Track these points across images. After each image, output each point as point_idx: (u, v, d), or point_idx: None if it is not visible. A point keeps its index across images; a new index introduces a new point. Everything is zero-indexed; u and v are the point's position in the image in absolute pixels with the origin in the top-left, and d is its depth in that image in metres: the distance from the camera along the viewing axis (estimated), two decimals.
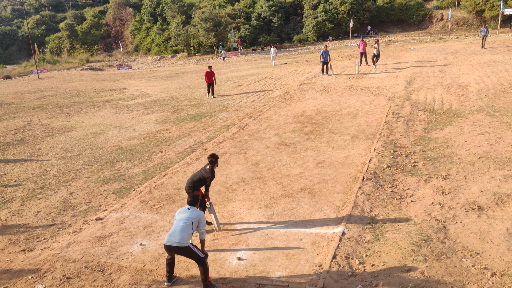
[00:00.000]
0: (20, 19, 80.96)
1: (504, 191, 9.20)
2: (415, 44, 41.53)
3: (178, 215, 6.90)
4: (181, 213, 6.92)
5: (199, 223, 6.88)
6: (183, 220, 6.75)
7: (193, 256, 6.72)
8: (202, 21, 55.36)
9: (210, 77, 23.28)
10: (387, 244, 7.58)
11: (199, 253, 6.72)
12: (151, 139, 16.26)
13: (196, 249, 6.75)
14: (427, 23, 57.33)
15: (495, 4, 50.04)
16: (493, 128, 13.61)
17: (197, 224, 6.85)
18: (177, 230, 6.69)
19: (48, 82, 39.75)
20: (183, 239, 6.62)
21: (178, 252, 6.71)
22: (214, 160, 8.43)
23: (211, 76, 23.27)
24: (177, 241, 6.61)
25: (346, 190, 10.05)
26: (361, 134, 14.26)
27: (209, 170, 8.36)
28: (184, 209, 6.97)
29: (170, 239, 6.66)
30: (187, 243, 6.67)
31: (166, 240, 6.73)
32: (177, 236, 6.64)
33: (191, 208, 6.92)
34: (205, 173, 8.33)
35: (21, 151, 16.09)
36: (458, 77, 21.55)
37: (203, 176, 8.32)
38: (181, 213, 6.91)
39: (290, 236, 8.19)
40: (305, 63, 34.73)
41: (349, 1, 56.88)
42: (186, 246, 6.65)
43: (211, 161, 8.42)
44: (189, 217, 6.78)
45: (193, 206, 6.98)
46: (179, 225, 6.73)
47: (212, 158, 8.43)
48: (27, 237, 9.18)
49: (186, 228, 6.69)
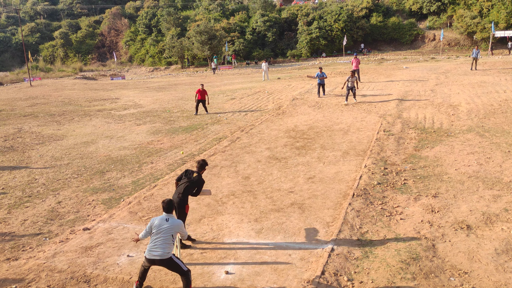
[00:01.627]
0: (14, 26, 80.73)
1: (492, 211, 9.26)
2: (407, 63, 42.05)
3: (158, 226, 6.76)
4: (160, 223, 6.79)
5: (180, 231, 6.93)
6: (163, 232, 6.70)
7: (177, 269, 6.71)
8: (197, 34, 55.65)
9: (202, 94, 22.48)
10: (376, 262, 7.56)
11: (182, 266, 6.72)
12: (142, 149, 16.19)
13: (179, 262, 6.74)
14: (420, 43, 58.19)
15: (486, 26, 50.97)
16: (483, 148, 13.75)
17: (177, 233, 6.92)
18: (158, 243, 6.65)
19: (41, 90, 39.56)
20: (165, 252, 6.62)
21: (161, 264, 6.69)
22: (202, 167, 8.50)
23: (203, 94, 22.49)
24: (160, 254, 6.61)
25: (336, 206, 10.04)
26: (352, 151, 14.32)
27: (197, 177, 8.35)
28: (163, 219, 6.84)
29: (152, 253, 6.64)
30: (170, 254, 6.68)
31: (148, 253, 6.69)
32: (159, 250, 6.62)
33: (170, 219, 6.84)
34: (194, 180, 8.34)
35: (10, 158, 15.92)
36: (449, 97, 21.81)
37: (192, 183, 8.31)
38: (161, 224, 6.78)
39: (279, 251, 8.15)
40: (298, 79, 34.96)
41: (343, 18, 57.66)
42: (169, 258, 6.64)
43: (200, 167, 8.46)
44: (169, 229, 6.74)
45: (170, 213, 6.95)
46: (159, 238, 6.68)
47: (199, 164, 8.50)
48: (12, 245, 9.04)
49: (167, 241, 6.69)
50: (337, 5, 61.95)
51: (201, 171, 8.49)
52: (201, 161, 8.54)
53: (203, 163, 8.55)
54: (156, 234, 6.72)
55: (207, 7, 72.69)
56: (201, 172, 8.50)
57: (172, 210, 6.99)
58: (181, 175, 8.56)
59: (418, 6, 59.11)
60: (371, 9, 60.57)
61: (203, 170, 8.55)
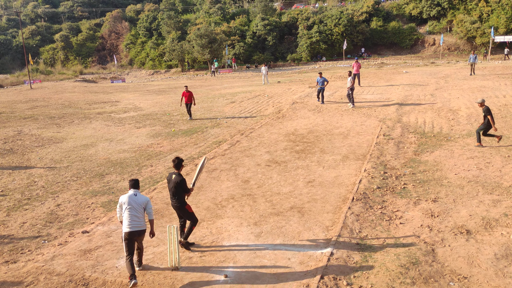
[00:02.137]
0: (15, 29, 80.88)
1: (492, 216, 9.25)
2: (407, 68, 42.10)
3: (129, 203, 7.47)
4: (130, 200, 7.50)
5: (147, 205, 7.60)
6: (135, 207, 7.45)
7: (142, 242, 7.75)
8: (197, 37, 55.74)
9: (188, 97, 21.82)
10: (375, 266, 7.55)
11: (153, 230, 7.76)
12: (141, 152, 16.18)
13: None
14: (419, 47, 58.30)
15: (486, 31, 51.09)
16: (483, 152, 13.75)
17: (145, 206, 7.60)
18: (134, 217, 7.41)
19: (41, 92, 39.59)
20: (141, 224, 7.48)
21: (139, 235, 7.48)
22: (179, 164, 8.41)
23: (190, 96, 21.83)
24: (138, 226, 7.42)
25: (335, 210, 10.03)
26: (352, 155, 14.32)
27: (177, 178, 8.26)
28: (131, 195, 7.55)
29: (131, 227, 7.38)
30: (145, 226, 7.59)
31: (127, 228, 7.38)
32: (135, 222, 7.40)
33: (138, 194, 7.61)
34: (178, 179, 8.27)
35: (10, 160, 15.91)
36: (449, 101, 21.82)
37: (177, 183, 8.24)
38: (130, 200, 7.50)
39: (278, 255, 8.13)
40: (298, 82, 34.99)
41: (343, 23, 57.78)
42: (145, 229, 7.57)
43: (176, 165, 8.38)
44: (139, 203, 7.51)
45: (137, 189, 7.70)
46: (133, 212, 7.42)
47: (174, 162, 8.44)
48: (11, 248, 9.02)
49: (140, 214, 7.50)
50: (337, 9, 62.11)
51: (179, 170, 8.40)
52: (175, 160, 8.38)
53: (178, 161, 8.38)
54: (129, 210, 7.45)
55: (208, 11, 72.86)
56: (180, 170, 8.41)
57: (138, 186, 7.75)
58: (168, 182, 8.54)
59: (418, 11, 59.29)
60: (371, 13, 60.72)
61: (181, 167, 8.44)
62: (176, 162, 8.36)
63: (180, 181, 8.19)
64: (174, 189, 8.23)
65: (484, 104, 14.06)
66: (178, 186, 8.19)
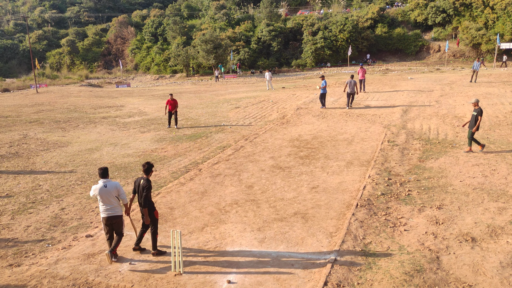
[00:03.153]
0: (22, 34, 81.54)
1: (498, 224, 9.19)
2: (412, 74, 42.06)
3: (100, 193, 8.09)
4: (101, 189, 8.08)
5: (118, 192, 8.25)
6: (107, 195, 8.09)
7: (118, 228, 8.35)
8: (203, 42, 55.94)
9: (172, 106, 21.29)
10: (379, 273, 7.50)
11: (123, 229, 8.47)
12: (146, 157, 16.21)
13: (122, 225, 8.45)
14: (425, 54, 58.27)
15: (492, 38, 50.99)
16: (488, 160, 13.68)
17: (118, 193, 8.25)
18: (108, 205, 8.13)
19: (46, 96, 39.81)
20: (116, 211, 8.20)
21: (114, 220, 8.20)
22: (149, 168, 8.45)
23: (174, 105, 21.32)
24: (112, 213, 8.16)
25: (339, 216, 10.00)
26: (356, 161, 14.28)
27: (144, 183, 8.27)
28: (101, 185, 8.11)
29: (106, 213, 8.15)
30: (120, 213, 8.31)
31: (103, 214, 8.17)
32: (110, 209, 8.15)
33: (107, 183, 8.13)
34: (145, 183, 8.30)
35: (15, 164, 15.99)
36: (454, 108, 21.76)
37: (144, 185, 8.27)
38: (101, 190, 8.08)
39: (282, 260, 8.10)
40: (303, 88, 35.02)
41: (348, 29, 57.86)
42: (120, 215, 8.32)
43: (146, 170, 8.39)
44: (110, 191, 8.11)
45: (105, 178, 8.20)
46: (106, 200, 8.11)
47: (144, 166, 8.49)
48: (15, 251, 9.04)
49: (113, 201, 8.17)
50: (342, 15, 62.20)
51: (148, 175, 8.40)
52: (145, 165, 8.40)
53: (148, 166, 8.39)
54: (102, 201, 8.12)
55: (213, 16, 73.17)
56: (149, 176, 8.41)
57: (107, 175, 8.21)
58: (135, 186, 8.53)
59: (423, 18, 59.31)
60: (376, 20, 60.79)
61: (150, 173, 8.44)
62: (146, 167, 8.40)
63: (147, 186, 8.20)
64: (142, 193, 8.25)
65: (478, 105, 14.26)
66: (143, 190, 8.20)
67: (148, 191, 8.18)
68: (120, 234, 8.38)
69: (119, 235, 8.37)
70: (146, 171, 8.38)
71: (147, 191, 8.17)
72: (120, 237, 8.38)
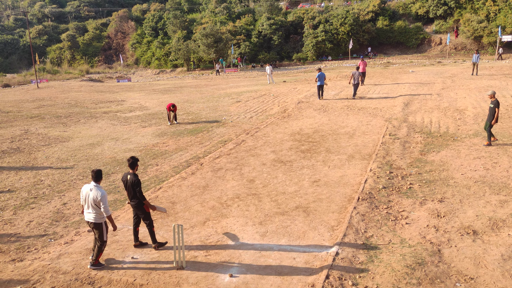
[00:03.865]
0: (22, 29, 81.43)
1: (499, 216, 9.19)
2: (414, 67, 41.93)
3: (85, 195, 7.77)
4: (86, 193, 7.76)
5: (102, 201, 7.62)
6: (90, 200, 7.67)
7: (100, 235, 7.81)
8: (203, 36, 55.82)
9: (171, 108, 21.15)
10: (380, 266, 7.52)
11: (104, 236, 7.85)
12: (147, 152, 16.22)
13: (105, 231, 7.87)
14: (426, 47, 58.06)
15: (493, 30, 50.76)
16: (489, 152, 13.66)
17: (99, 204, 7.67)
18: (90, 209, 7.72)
19: (47, 92, 39.80)
20: (96, 217, 7.71)
21: (93, 226, 7.79)
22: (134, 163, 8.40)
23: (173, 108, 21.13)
24: (91, 218, 7.73)
25: (341, 210, 10.01)
26: (358, 154, 14.27)
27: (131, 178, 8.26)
28: (88, 188, 7.79)
29: (87, 216, 7.81)
30: (101, 220, 7.77)
31: (85, 216, 7.87)
32: (90, 214, 7.72)
33: (93, 189, 7.72)
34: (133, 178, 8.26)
35: (17, 159, 16.01)
36: (455, 101, 21.71)
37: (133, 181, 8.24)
38: (86, 193, 7.75)
39: (284, 254, 8.12)
40: (304, 82, 34.95)
41: (349, 22, 57.64)
42: (99, 223, 7.77)
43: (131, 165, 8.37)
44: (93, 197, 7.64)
45: (98, 182, 7.83)
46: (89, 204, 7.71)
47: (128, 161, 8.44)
48: (18, 246, 9.08)
49: (95, 207, 7.69)
50: (343, 8, 61.97)
51: (134, 170, 8.38)
52: (130, 159, 8.37)
53: (133, 161, 8.36)
54: (85, 201, 7.80)
55: (213, 10, 72.97)
56: (134, 170, 8.39)
57: (99, 179, 7.83)
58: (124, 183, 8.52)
59: (424, 10, 59.03)
60: (377, 12, 60.53)
61: (136, 167, 8.41)
62: (130, 162, 8.37)
63: (135, 181, 8.19)
64: (131, 189, 8.25)
65: (494, 97, 14.07)
66: (134, 186, 8.20)
67: (139, 186, 8.19)
68: (100, 241, 7.82)
69: (100, 240, 7.83)
70: (131, 165, 8.35)
71: (138, 187, 8.19)
72: (100, 244, 7.83)
